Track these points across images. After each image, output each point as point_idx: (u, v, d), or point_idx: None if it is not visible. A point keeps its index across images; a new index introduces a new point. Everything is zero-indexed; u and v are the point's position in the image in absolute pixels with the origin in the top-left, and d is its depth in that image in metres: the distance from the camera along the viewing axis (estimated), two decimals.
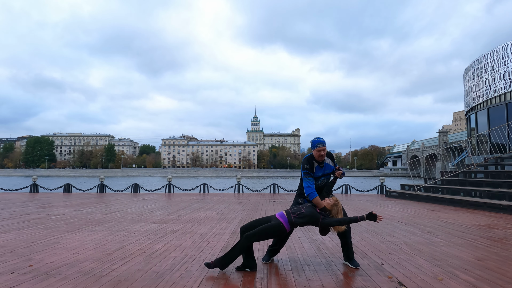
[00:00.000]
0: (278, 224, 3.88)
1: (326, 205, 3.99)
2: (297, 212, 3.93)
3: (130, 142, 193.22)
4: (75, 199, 13.66)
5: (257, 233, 3.84)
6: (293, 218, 3.90)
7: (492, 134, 17.83)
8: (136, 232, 6.39)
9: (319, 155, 4.09)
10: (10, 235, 6.05)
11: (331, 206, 3.99)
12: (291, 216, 3.91)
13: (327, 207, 3.98)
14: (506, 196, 10.30)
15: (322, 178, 4.25)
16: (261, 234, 3.86)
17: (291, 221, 3.90)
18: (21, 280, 3.56)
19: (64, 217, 8.44)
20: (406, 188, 15.91)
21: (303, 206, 4.02)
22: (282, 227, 3.88)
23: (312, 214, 3.90)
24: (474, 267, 4.10)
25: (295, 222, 3.91)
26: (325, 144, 4.11)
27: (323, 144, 4.08)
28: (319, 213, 3.92)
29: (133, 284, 3.43)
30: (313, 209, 3.95)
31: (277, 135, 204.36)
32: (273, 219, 3.96)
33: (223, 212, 9.63)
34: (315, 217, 3.90)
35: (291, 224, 3.92)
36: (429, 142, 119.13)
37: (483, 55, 20.54)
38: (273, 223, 3.89)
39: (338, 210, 4.01)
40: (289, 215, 3.93)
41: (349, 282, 3.56)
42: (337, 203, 4.04)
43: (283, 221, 3.90)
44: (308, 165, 4.14)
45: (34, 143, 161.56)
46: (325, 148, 4.11)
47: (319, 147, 4.08)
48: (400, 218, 8.43)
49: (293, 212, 3.94)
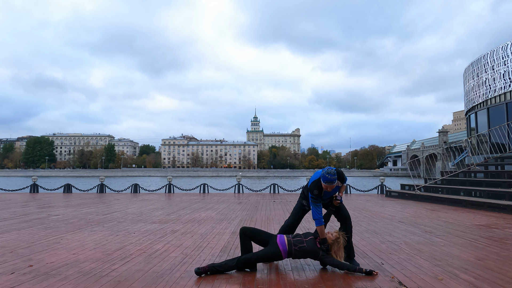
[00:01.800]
0: (276, 253, 3.92)
1: (328, 239, 4.00)
2: (299, 245, 3.93)
3: (130, 142, 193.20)
4: (75, 199, 13.66)
5: (254, 258, 3.90)
6: (294, 250, 3.93)
7: (492, 134, 17.83)
8: (136, 232, 6.39)
9: (325, 186, 3.94)
10: (10, 235, 6.05)
11: (332, 241, 3.99)
12: (292, 248, 3.93)
13: (329, 241, 3.99)
14: (506, 196, 10.29)
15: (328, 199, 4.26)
16: (258, 259, 3.93)
17: (290, 252, 3.93)
18: (21, 280, 3.56)
19: (64, 217, 8.44)
20: (406, 188, 15.91)
21: (306, 237, 4.01)
22: (280, 255, 3.93)
23: (313, 251, 3.93)
24: (474, 267, 4.10)
25: (294, 254, 3.95)
26: (334, 183, 3.92)
27: (332, 183, 3.90)
28: (319, 249, 3.94)
29: (133, 284, 3.43)
30: (315, 245, 3.95)
31: (277, 135, 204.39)
32: (273, 245, 3.96)
33: (223, 212, 9.63)
34: (315, 253, 3.94)
35: (289, 255, 3.95)
36: (429, 142, 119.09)
37: (483, 54, 20.54)
38: (271, 251, 3.92)
39: (339, 247, 3.99)
40: (290, 245, 3.93)
41: (349, 282, 3.56)
42: (339, 239, 4.01)
43: (282, 249, 3.92)
44: (317, 191, 4.01)
45: (34, 143, 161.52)
46: (333, 186, 3.96)
47: (327, 184, 3.91)
48: (400, 218, 8.43)
49: (295, 244, 3.94)
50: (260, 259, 3.94)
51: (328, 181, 3.88)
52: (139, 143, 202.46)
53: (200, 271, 3.76)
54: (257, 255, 3.91)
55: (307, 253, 3.95)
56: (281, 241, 3.96)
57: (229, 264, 3.86)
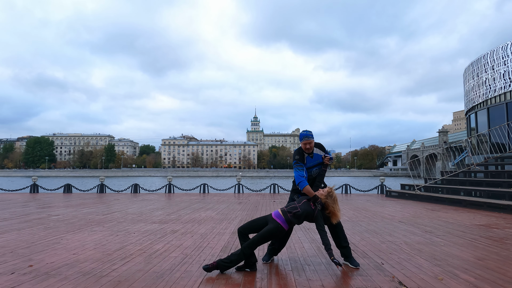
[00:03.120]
0: (276, 226, 3.87)
1: (320, 196, 3.97)
2: (293, 211, 3.91)
3: (130, 142, 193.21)
4: (75, 200, 13.66)
5: (256, 240, 3.84)
6: (290, 217, 3.89)
7: (492, 134, 17.83)
8: (136, 232, 6.39)
9: (305, 148, 4.21)
10: (10, 235, 6.05)
11: (325, 197, 3.96)
12: (288, 215, 3.90)
13: (322, 199, 3.95)
14: (506, 196, 10.30)
15: (315, 169, 4.30)
16: (261, 240, 3.85)
17: (288, 220, 3.89)
18: (21, 280, 3.56)
19: (64, 217, 8.44)
20: (406, 188, 15.91)
21: (299, 202, 3.99)
22: (281, 227, 3.88)
23: (308, 213, 3.90)
24: (474, 267, 4.10)
25: (292, 221, 3.90)
26: (311, 137, 4.21)
27: (309, 138, 4.19)
28: (314, 210, 3.91)
29: (133, 284, 3.43)
30: (308, 206, 3.93)
31: (277, 135, 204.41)
32: (270, 221, 3.94)
33: (223, 212, 9.63)
34: (310, 215, 3.90)
35: (289, 223, 3.91)
36: (429, 142, 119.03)
37: (483, 54, 20.53)
38: (271, 227, 3.87)
39: (334, 200, 3.96)
40: (285, 214, 3.91)
41: (349, 282, 3.56)
42: (332, 192, 4.00)
43: (280, 221, 3.89)
44: (298, 156, 4.22)
45: (34, 143, 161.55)
46: (311, 141, 4.20)
47: (305, 140, 4.19)
48: (400, 218, 8.43)
49: (289, 211, 3.92)
50: (264, 238, 3.85)
51: (304, 136, 4.17)
52: (139, 143, 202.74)
53: (209, 267, 3.80)
54: (260, 235, 3.84)
55: (303, 217, 3.90)
56: (276, 214, 3.96)
57: (235, 254, 3.86)
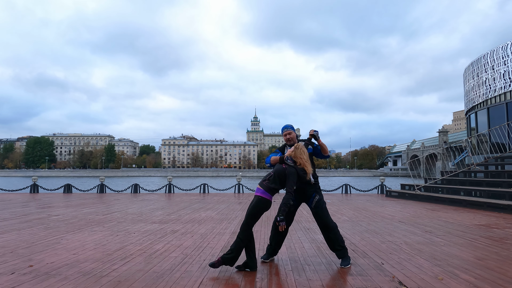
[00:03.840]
0: (258, 199, 3.89)
1: (288, 154, 4.03)
2: (268, 177, 3.97)
3: (130, 142, 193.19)
4: (75, 200, 13.66)
5: (245, 220, 3.88)
6: (266, 184, 3.91)
7: (492, 134, 17.83)
8: (136, 233, 6.39)
9: (286, 139, 4.41)
10: (10, 235, 6.05)
11: (292, 151, 4.02)
12: (263, 183, 3.93)
13: (291, 155, 4.00)
14: (506, 196, 10.29)
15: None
16: (250, 218, 3.87)
17: (267, 188, 3.90)
18: (21, 280, 3.56)
19: (64, 217, 8.44)
20: (406, 188, 15.91)
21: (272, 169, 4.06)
22: (263, 199, 3.88)
23: (279, 172, 3.92)
24: (475, 267, 4.10)
25: (270, 187, 3.89)
26: (290, 129, 4.42)
27: (288, 129, 4.40)
28: (284, 168, 3.93)
29: (133, 285, 3.43)
30: (279, 166, 3.99)
31: (277, 135, 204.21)
32: (253, 199, 3.96)
33: (223, 212, 9.63)
34: (282, 173, 3.90)
35: (269, 191, 3.90)
36: (429, 142, 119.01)
37: (483, 54, 20.55)
38: (254, 201, 3.91)
39: (301, 151, 3.99)
40: (262, 184, 3.95)
41: (349, 282, 3.56)
42: (298, 145, 4.05)
43: (260, 193, 3.91)
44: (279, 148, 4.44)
45: (34, 143, 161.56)
46: (290, 131, 4.40)
47: (285, 131, 4.42)
48: (400, 218, 8.43)
49: (264, 179, 3.98)
50: (252, 215, 3.86)
51: (284, 128, 4.42)
52: (139, 143, 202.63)
53: (215, 264, 3.87)
54: (247, 213, 3.89)
55: (277, 178, 3.90)
56: (257, 189, 3.98)
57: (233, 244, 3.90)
